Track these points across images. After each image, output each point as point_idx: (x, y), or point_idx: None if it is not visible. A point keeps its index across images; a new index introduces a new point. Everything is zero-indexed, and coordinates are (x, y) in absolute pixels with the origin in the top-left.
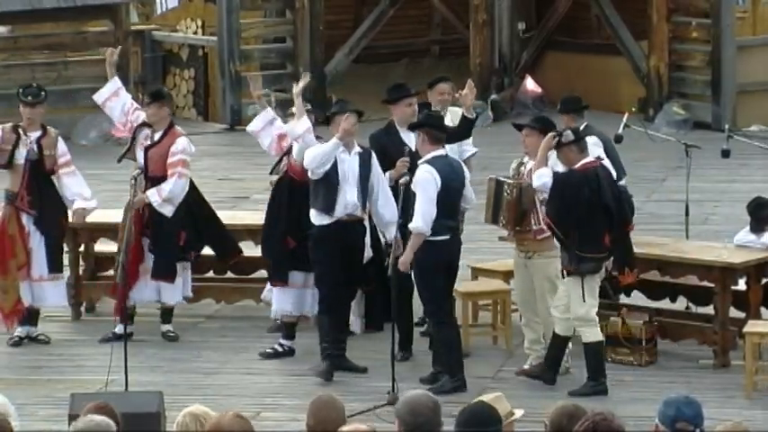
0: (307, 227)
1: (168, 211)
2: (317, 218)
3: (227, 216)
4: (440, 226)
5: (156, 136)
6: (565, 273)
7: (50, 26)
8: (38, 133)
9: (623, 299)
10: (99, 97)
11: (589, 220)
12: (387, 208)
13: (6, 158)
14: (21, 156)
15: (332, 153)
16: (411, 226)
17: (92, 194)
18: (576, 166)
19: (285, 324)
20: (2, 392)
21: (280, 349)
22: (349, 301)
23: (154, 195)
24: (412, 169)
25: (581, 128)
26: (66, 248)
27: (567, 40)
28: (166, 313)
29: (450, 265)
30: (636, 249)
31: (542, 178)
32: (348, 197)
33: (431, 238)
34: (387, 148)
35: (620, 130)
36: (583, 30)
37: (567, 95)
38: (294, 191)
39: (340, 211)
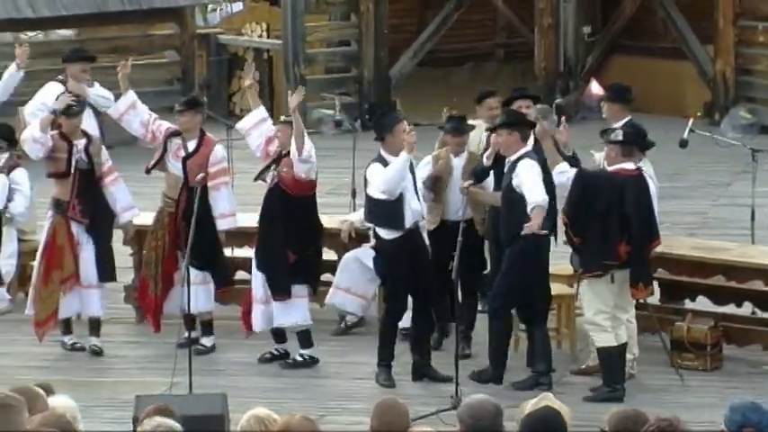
0: (306, 240)
1: (235, 222)
2: (386, 233)
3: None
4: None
5: (191, 145)
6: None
7: (116, 29)
8: (83, 141)
9: (689, 304)
10: (114, 112)
11: (604, 226)
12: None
13: (64, 166)
14: (71, 164)
15: (405, 170)
16: (534, 201)
17: (134, 200)
18: (612, 168)
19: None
20: (67, 394)
21: (299, 359)
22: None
23: (226, 222)
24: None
25: (624, 122)
26: (131, 251)
27: (633, 43)
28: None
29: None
30: (701, 254)
31: (562, 176)
32: (413, 205)
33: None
34: None
35: (686, 135)
36: (648, 33)
37: (617, 84)
38: (288, 204)
39: (409, 221)
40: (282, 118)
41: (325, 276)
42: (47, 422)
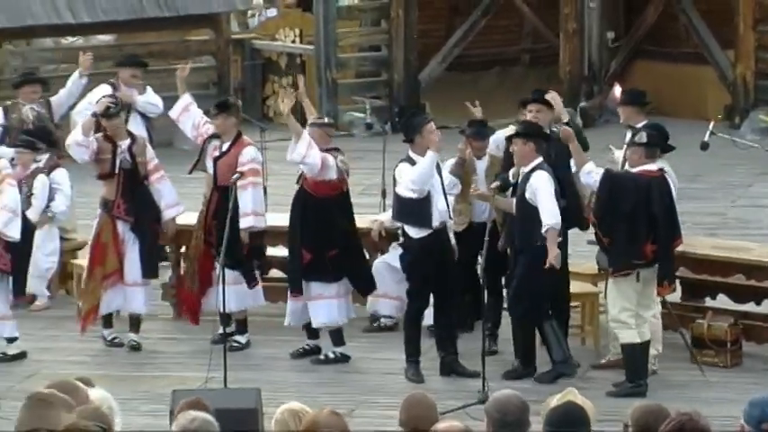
0: (323, 240)
1: (260, 222)
2: (414, 231)
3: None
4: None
5: (225, 146)
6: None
7: (154, 35)
8: (127, 141)
9: (709, 302)
10: (173, 113)
11: (631, 226)
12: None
13: (109, 167)
14: (116, 165)
15: (433, 167)
16: (548, 222)
17: (178, 198)
18: (635, 170)
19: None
20: (106, 388)
21: (331, 356)
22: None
23: (246, 221)
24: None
25: (639, 125)
26: (168, 250)
27: (655, 49)
28: (226, 318)
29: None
30: (721, 254)
31: (589, 176)
32: (440, 206)
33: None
34: (507, 152)
35: (707, 138)
36: (670, 39)
37: (633, 89)
38: (309, 205)
39: (436, 221)
40: (311, 120)
41: None
42: (85, 415)
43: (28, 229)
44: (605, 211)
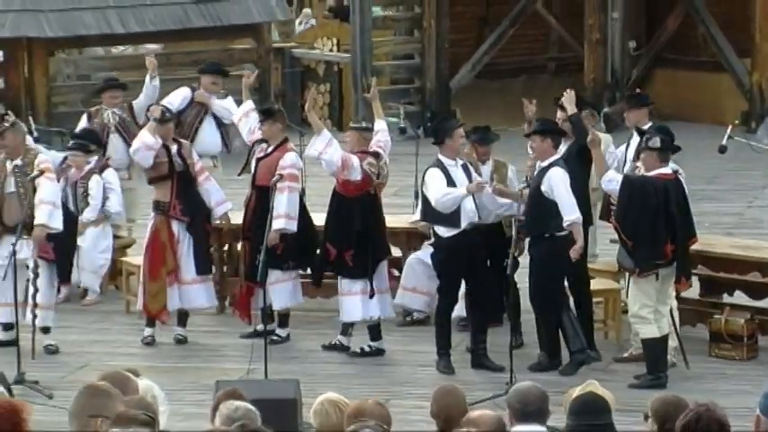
0: (342, 239)
1: (292, 225)
2: (444, 231)
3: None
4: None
5: (269, 149)
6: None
7: (199, 44)
8: (175, 146)
9: (726, 298)
10: (235, 117)
11: (652, 228)
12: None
13: (166, 170)
14: (174, 166)
15: (459, 202)
16: (570, 218)
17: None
18: (651, 173)
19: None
20: (153, 379)
21: (366, 349)
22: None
23: (279, 222)
24: (542, 175)
25: (646, 127)
26: (211, 248)
27: (675, 57)
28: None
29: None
30: (738, 252)
31: (611, 183)
32: (468, 206)
33: (561, 234)
34: None
35: (724, 141)
36: (690, 48)
37: (636, 92)
38: (336, 203)
39: (464, 221)
40: (351, 124)
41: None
42: (132, 404)
43: (70, 219)
44: (627, 215)
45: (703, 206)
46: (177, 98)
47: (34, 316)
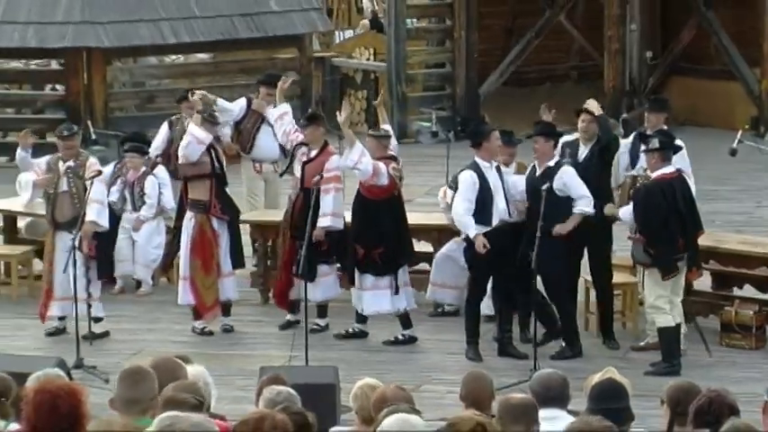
0: (371, 239)
1: (338, 223)
2: (478, 228)
3: None
4: None
5: (313, 153)
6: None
7: (245, 53)
8: (214, 150)
9: (736, 291)
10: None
11: (668, 228)
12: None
13: (209, 169)
14: (215, 166)
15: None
16: (582, 209)
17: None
18: (654, 175)
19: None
20: (203, 365)
21: (400, 337)
22: (512, 296)
23: (325, 221)
24: (551, 175)
25: (656, 130)
26: (255, 244)
27: (689, 66)
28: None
29: None
30: (747, 248)
31: (627, 214)
32: (500, 206)
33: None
34: (564, 156)
35: (735, 145)
36: (703, 57)
37: (657, 96)
38: (362, 206)
39: (496, 219)
40: (369, 132)
41: (422, 265)
42: (181, 388)
43: (113, 217)
44: (645, 222)
45: (715, 205)
46: (236, 108)
47: (89, 306)
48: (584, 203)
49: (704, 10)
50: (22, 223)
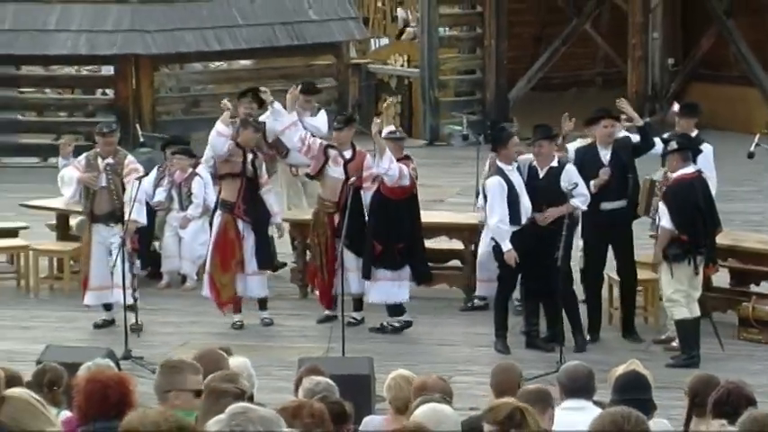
0: (393, 235)
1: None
2: (511, 227)
3: (425, 215)
4: None
5: (347, 154)
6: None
7: (285, 60)
8: (251, 155)
9: (754, 288)
10: (279, 125)
11: (699, 223)
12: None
13: (239, 168)
14: (246, 167)
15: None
16: (582, 207)
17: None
18: (675, 175)
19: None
20: (244, 355)
21: (397, 325)
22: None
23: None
24: (556, 174)
25: (666, 135)
26: (294, 241)
27: (709, 72)
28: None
29: None
30: (765, 247)
31: (666, 220)
32: (526, 204)
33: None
34: (584, 161)
35: (752, 148)
36: (722, 64)
37: (687, 101)
38: (383, 206)
39: (524, 218)
40: (386, 134)
41: (453, 262)
42: (221, 377)
43: (150, 213)
44: (682, 221)
45: (733, 206)
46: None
47: (135, 299)
48: (582, 201)
49: (724, 19)
50: (73, 221)
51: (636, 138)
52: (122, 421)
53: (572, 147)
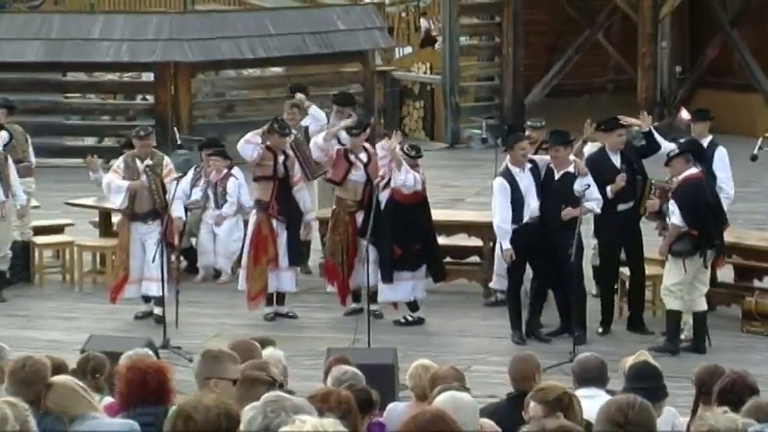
0: (411, 238)
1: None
2: (512, 226)
3: (446, 214)
4: None
5: (363, 157)
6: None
7: (314, 67)
8: (283, 157)
9: (757, 283)
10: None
11: (709, 220)
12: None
13: (270, 171)
14: (277, 170)
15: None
16: (595, 210)
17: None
18: (681, 177)
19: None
20: (278, 346)
21: (410, 319)
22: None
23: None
24: (572, 179)
25: (708, 140)
26: (323, 238)
27: (714, 80)
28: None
29: None
30: (767, 244)
31: (678, 219)
32: (532, 205)
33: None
34: (598, 166)
35: (755, 151)
36: (727, 72)
37: (698, 107)
38: (399, 211)
39: (527, 216)
40: (404, 150)
41: (472, 258)
42: (256, 367)
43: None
44: (693, 218)
45: (737, 206)
46: (323, 116)
47: (177, 291)
48: (596, 204)
49: (728, 29)
50: (115, 219)
51: (642, 142)
52: (176, 405)
53: (585, 151)
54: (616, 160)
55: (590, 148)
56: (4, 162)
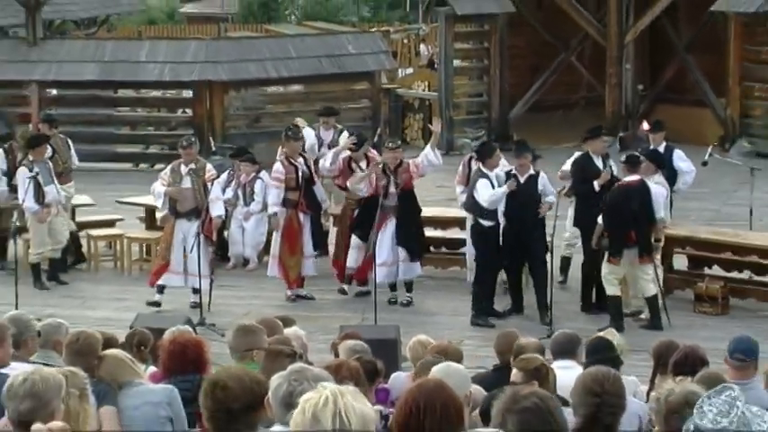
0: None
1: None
2: (485, 222)
3: (442, 211)
4: None
5: (363, 165)
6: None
7: (329, 85)
8: (301, 159)
9: (707, 270)
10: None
11: (618, 222)
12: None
13: (294, 183)
14: (299, 181)
15: (503, 196)
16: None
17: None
18: (624, 180)
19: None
20: (297, 325)
21: (407, 300)
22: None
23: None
24: (536, 181)
25: (664, 146)
26: (333, 227)
27: (672, 96)
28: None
29: None
30: (716, 237)
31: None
32: (500, 207)
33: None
34: (585, 169)
35: (706, 158)
36: (682, 90)
37: (654, 120)
38: (412, 197)
39: (500, 215)
40: (389, 144)
41: (462, 249)
42: (279, 341)
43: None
44: (608, 221)
45: (691, 204)
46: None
47: (211, 281)
48: (553, 196)
49: (684, 53)
50: (158, 215)
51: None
52: (210, 375)
53: (569, 161)
54: (599, 163)
55: (576, 155)
56: (52, 170)
